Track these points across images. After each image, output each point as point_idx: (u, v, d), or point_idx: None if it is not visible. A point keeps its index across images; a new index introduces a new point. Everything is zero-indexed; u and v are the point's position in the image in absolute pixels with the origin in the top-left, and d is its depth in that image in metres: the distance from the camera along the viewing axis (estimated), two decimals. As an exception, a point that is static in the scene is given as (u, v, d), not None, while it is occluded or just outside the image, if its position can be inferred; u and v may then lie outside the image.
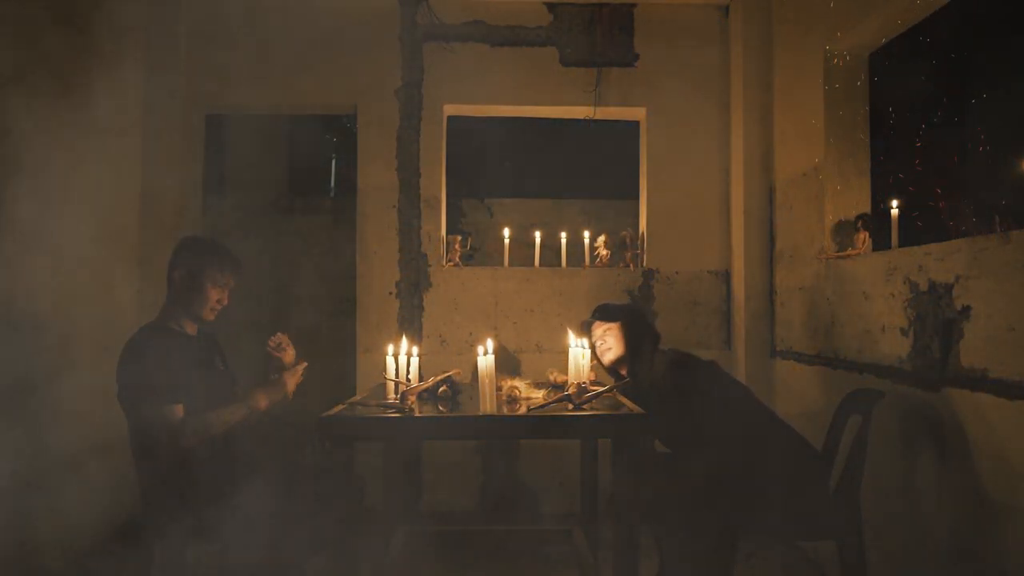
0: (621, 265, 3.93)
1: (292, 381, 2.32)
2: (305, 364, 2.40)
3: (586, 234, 3.96)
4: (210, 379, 2.27)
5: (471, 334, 3.81)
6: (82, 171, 3.16)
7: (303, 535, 2.12)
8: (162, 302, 2.30)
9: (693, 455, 2.40)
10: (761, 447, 2.28)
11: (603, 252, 3.90)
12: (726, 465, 2.22)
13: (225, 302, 2.30)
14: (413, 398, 2.28)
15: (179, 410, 2.07)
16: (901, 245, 2.70)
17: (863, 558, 2.13)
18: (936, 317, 2.23)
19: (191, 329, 2.29)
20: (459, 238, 3.92)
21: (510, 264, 3.89)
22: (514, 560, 3.12)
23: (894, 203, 2.85)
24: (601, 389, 2.33)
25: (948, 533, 2.18)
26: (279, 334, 2.40)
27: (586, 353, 2.45)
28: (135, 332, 2.20)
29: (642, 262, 3.97)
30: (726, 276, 3.89)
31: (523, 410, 2.22)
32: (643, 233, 4.00)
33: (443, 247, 3.91)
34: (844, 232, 3.01)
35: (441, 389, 2.48)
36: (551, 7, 3.92)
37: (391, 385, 2.35)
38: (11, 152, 2.70)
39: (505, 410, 2.26)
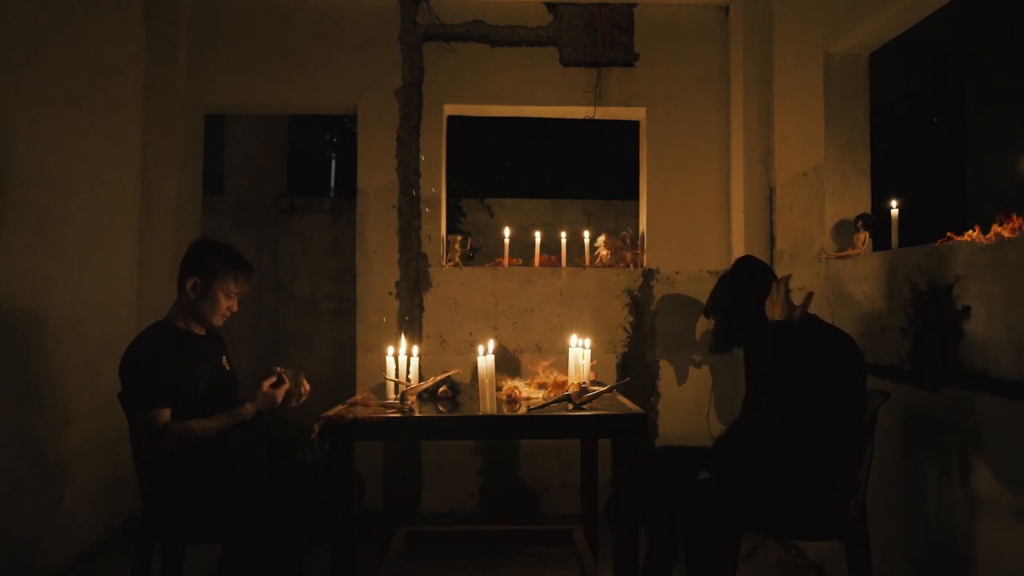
0: (621, 265, 3.93)
1: (281, 392, 2.30)
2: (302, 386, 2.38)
3: (586, 234, 3.96)
4: (215, 379, 2.26)
5: (471, 334, 3.81)
6: (82, 171, 3.16)
7: (303, 534, 2.12)
8: (165, 301, 2.30)
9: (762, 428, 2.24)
10: (825, 442, 2.09)
11: (603, 252, 3.90)
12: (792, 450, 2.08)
13: (235, 309, 2.31)
14: (413, 398, 2.28)
15: (164, 414, 2.06)
16: (901, 245, 2.70)
17: (869, 558, 2.12)
18: (936, 317, 2.23)
19: (199, 329, 2.30)
20: (459, 238, 3.92)
21: (510, 264, 3.89)
22: (514, 560, 3.12)
23: (894, 203, 2.85)
24: (601, 389, 2.33)
25: (947, 533, 2.18)
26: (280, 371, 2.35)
27: (586, 353, 2.45)
28: (142, 330, 2.21)
29: (642, 262, 3.97)
30: (726, 276, 3.89)
31: (523, 410, 2.23)
32: (643, 233, 4.00)
33: (443, 247, 3.91)
34: (844, 232, 3.01)
35: (441, 389, 2.49)
36: (551, 7, 3.92)
37: (391, 385, 2.35)
38: (11, 153, 2.70)
39: (505, 410, 2.26)
